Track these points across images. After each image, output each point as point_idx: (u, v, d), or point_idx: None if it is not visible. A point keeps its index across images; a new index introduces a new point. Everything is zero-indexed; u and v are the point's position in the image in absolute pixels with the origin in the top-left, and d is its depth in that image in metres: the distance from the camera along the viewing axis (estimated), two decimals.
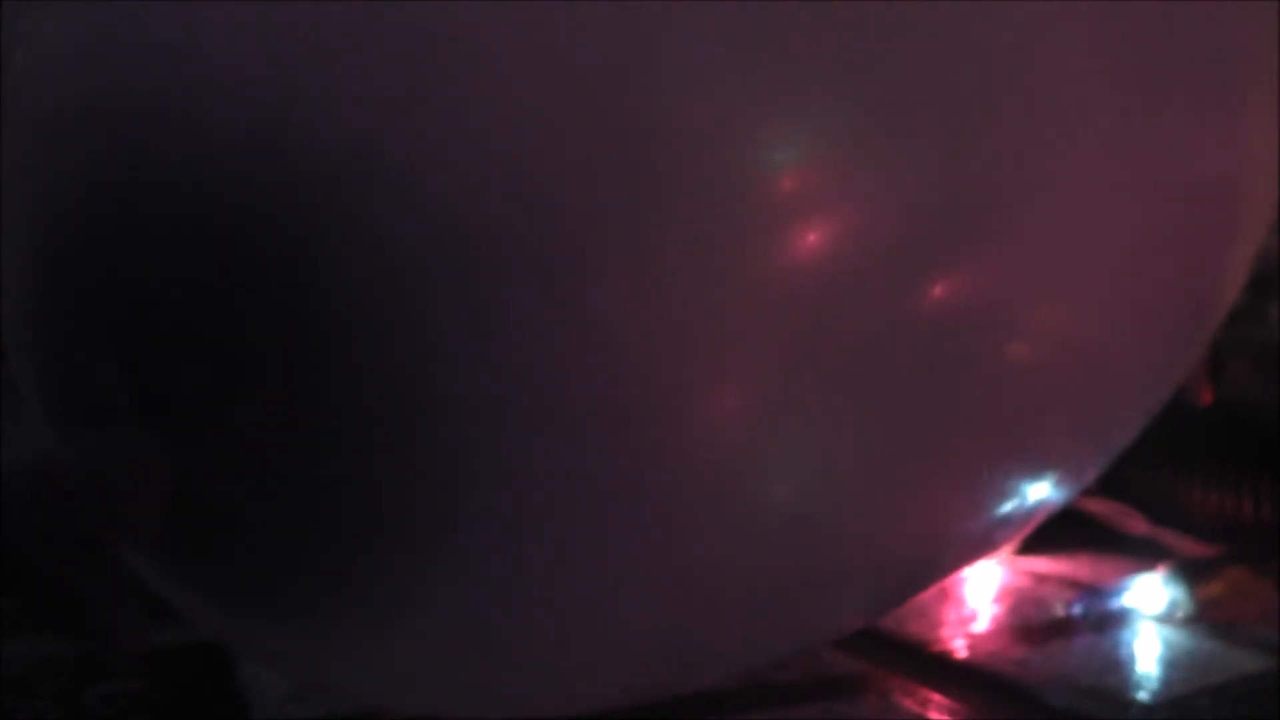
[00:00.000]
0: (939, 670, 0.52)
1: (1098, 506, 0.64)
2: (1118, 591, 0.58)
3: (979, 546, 0.43)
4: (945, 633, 0.55)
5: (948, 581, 0.57)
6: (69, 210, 0.35)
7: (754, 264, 0.33)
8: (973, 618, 0.57)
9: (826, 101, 0.34)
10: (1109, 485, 0.62)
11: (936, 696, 0.50)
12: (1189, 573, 0.59)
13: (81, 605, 0.32)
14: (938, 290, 0.36)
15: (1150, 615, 0.57)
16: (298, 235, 0.32)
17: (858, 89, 0.34)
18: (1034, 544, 0.60)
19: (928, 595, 0.55)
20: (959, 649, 0.54)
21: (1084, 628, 0.57)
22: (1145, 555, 0.61)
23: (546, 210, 0.32)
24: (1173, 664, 0.53)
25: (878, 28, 0.34)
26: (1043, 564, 0.62)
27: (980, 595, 0.59)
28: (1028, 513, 0.42)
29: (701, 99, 0.33)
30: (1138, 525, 0.64)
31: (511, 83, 0.32)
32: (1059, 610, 0.58)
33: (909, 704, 0.49)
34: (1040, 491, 0.42)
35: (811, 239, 0.34)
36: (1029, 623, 0.57)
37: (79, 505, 0.33)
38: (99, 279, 0.35)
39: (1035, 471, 0.41)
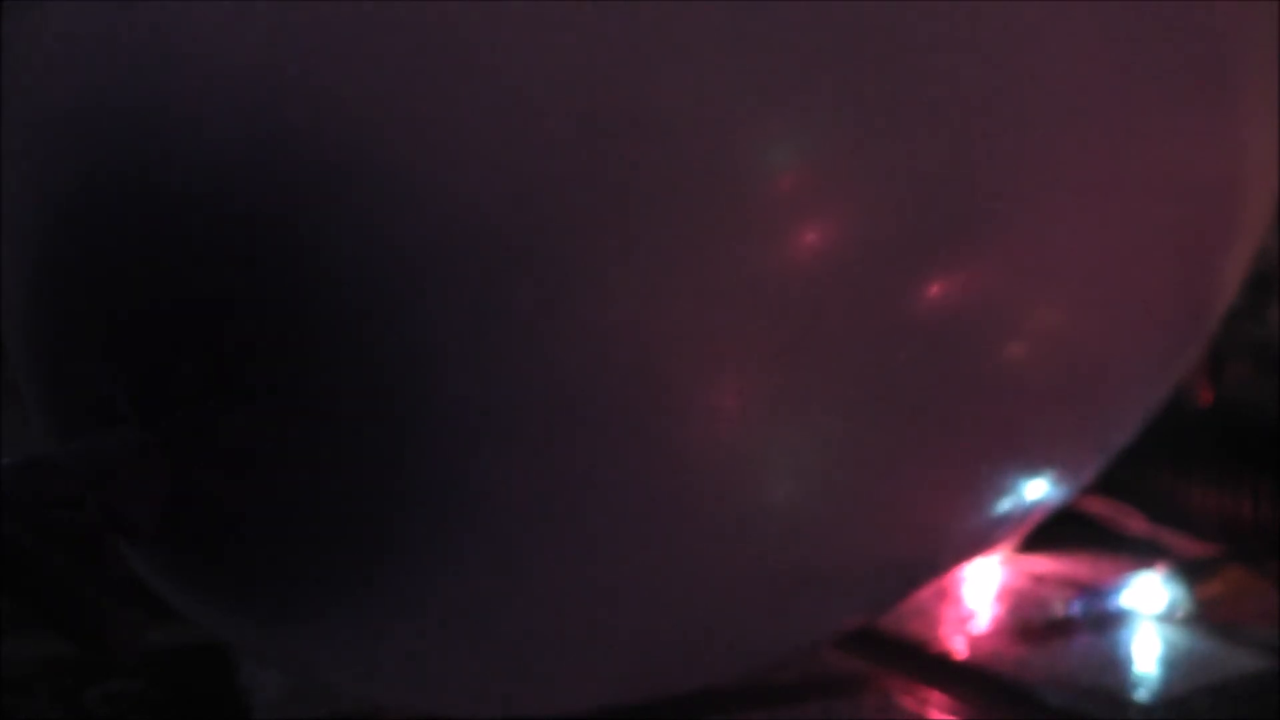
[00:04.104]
0: (939, 670, 0.52)
1: (1097, 506, 0.64)
2: (1117, 591, 0.58)
3: (978, 545, 0.43)
4: (945, 632, 0.55)
5: (947, 581, 0.57)
6: (68, 210, 0.35)
7: (752, 264, 0.33)
8: (972, 618, 0.57)
9: (824, 101, 0.34)
10: (1109, 485, 0.62)
11: (936, 696, 0.50)
12: (1188, 572, 0.59)
13: (81, 605, 0.32)
14: (935, 289, 0.36)
15: (1150, 615, 0.57)
16: (296, 236, 0.32)
17: (854, 88, 0.34)
18: (1034, 544, 0.60)
19: (928, 595, 0.55)
20: (959, 649, 0.54)
21: (1084, 627, 0.56)
22: (1145, 555, 0.61)
23: (544, 211, 0.32)
24: (1172, 664, 0.53)
25: (876, 27, 0.34)
26: (1042, 564, 0.62)
27: (980, 595, 0.59)
28: (1026, 511, 0.42)
29: (701, 99, 0.33)
30: (1137, 525, 0.64)
31: (511, 82, 0.32)
32: (1059, 610, 0.58)
33: (909, 704, 0.49)
34: (1039, 491, 0.42)
35: (809, 239, 0.34)
36: (1029, 623, 0.57)
37: (79, 505, 0.33)
38: (98, 279, 0.35)
39: (1034, 471, 0.41)
